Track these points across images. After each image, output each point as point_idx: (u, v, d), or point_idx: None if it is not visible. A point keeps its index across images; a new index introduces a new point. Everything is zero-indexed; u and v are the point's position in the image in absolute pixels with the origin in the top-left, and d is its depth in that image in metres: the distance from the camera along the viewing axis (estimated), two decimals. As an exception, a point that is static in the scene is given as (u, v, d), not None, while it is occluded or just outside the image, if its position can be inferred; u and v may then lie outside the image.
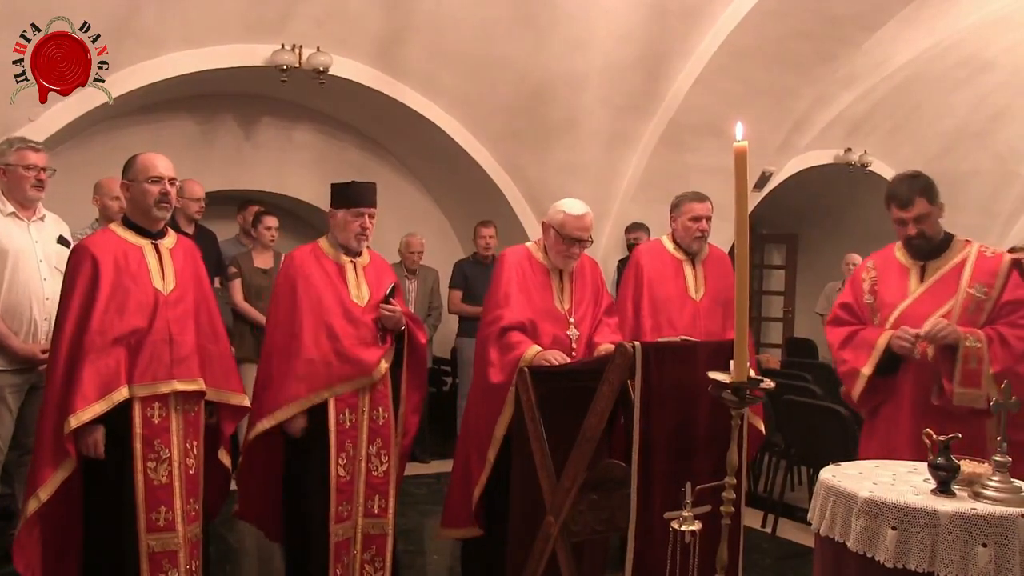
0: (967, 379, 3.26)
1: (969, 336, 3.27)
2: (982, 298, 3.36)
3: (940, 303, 3.41)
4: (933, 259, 3.52)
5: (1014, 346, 3.28)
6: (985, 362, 3.25)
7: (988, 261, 3.46)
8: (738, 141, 2.35)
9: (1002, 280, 3.38)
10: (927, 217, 3.50)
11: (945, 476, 2.73)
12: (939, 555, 2.56)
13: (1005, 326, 3.31)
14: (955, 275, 3.44)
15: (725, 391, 2.46)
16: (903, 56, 8.62)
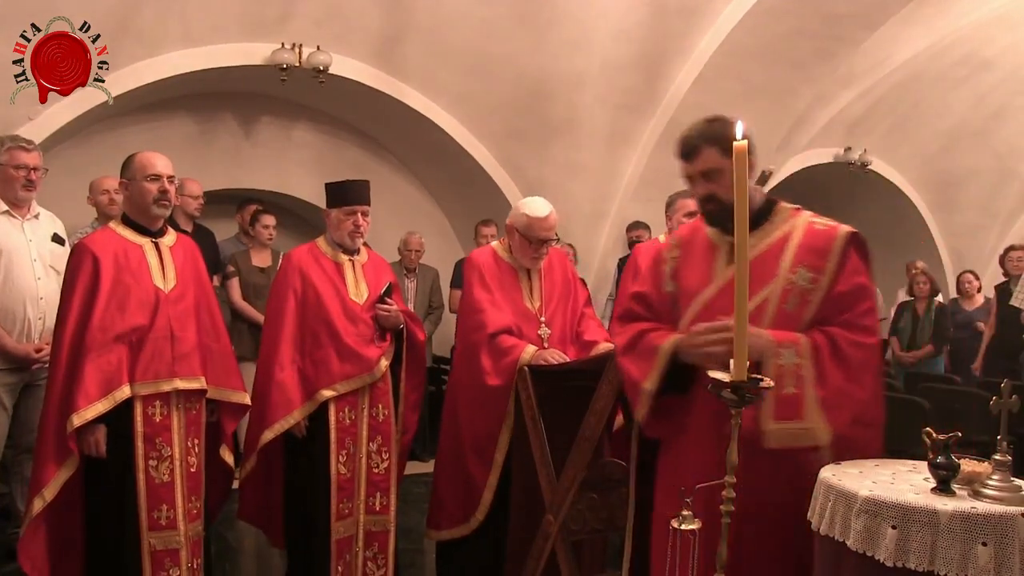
0: (783, 409, 2.34)
1: (784, 349, 2.38)
2: (807, 287, 2.46)
3: (750, 293, 2.39)
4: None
5: (849, 357, 2.38)
6: (808, 384, 2.35)
7: (818, 236, 2.51)
8: (738, 140, 2.35)
9: (835, 262, 2.47)
10: (718, 174, 2.53)
11: (945, 475, 2.73)
12: (939, 554, 2.56)
13: (840, 328, 2.41)
14: (774, 255, 2.51)
15: (724, 390, 2.45)
16: (902, 55, 8.63)
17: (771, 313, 2.46)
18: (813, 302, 2.45)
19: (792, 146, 9.05)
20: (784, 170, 9.48)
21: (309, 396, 3.64)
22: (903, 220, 10.97)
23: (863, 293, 2.46)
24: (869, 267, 2.52)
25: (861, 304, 2.43)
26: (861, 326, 2.42)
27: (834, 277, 2.45)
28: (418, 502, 5.65)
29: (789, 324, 2.44)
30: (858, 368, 2.39)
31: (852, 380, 2.37)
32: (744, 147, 2.37)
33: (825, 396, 2.37)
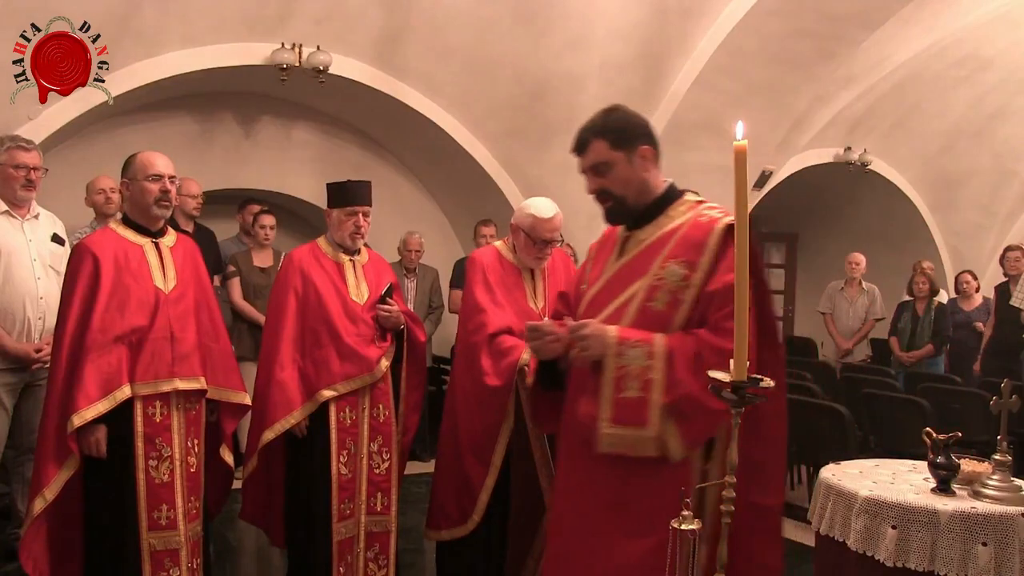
0: (624, 413, 2.18)
1: (631, 348, 2.21)
2: (678, 284, 2.25)
3: (624, 290, 2.36)
4: (641, 227, 2.44)
5: (708, 363, 2.11)
6: (655, 387, 2.15)
7: (697, 229, 2.30)
8: (738, 140, 2.35)
9: (710, 258, 2.24)
10: (610, 167, 2.39)
11: (945, 475, 2.74)
12: (939, 554, 2.57)
13: (707, 332, 2.22)
14: (655, 250, 2.35)
15: (724, 390, 2.45)
16: (902, 55, 8.62)
17: (633, 311, 2.29)
18: (685, 301, 2.24)
19: (792, 146, 9.05)
20: (784, 170, 9.48)
21: (309, 396, 3.64)
22: (903, 220, 10.97)
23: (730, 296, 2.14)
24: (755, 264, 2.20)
25: (730, 304, 2.09)
26: (725, 328, 2.10)
27: (708, 274, 2.23)
28: (418, 502, 5.65)
29: (656, 324, 2.24)
30: None
31: (706, 388, 2.06)
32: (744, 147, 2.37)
33: (675, 404, 2.16)
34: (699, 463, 2.25)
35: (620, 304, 2.31)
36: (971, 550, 2.54)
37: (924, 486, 2.79)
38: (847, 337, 8.45)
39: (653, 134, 2.43)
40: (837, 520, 2.82)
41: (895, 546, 2.61)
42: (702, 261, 2.24)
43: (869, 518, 2.69)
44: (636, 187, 2.39)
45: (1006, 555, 2.55)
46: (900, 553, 2.61)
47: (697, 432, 2.19)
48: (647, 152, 2.39)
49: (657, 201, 2.41)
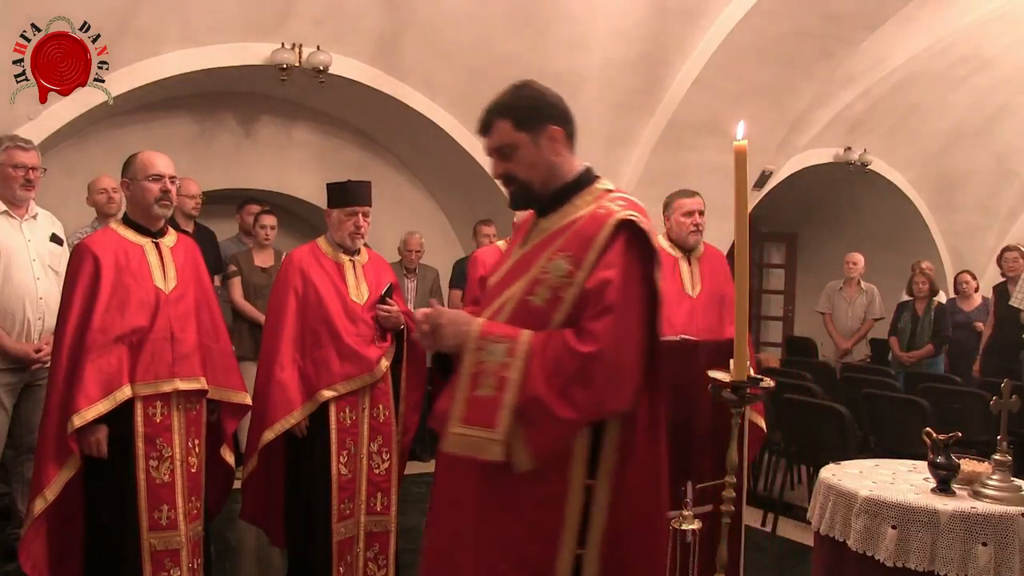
0: (475, 412, 2.01)
1: (493, 343, 2.04)
2: (561, 280, 2.06)
3: (515, 282, 2.18)
4: (546, 215, 2.27)
5: (563, 367, 1.97)
6: (510, 387, 1.98)
7: (593, 222, 2.11)
8: (738, 140, 2.35)
9: (596, 254, 2.05)
10: (514, 150, 2.21)
11: (945, 475, 2.74)
12: (939, 554, 2.57)
13: (572, 332, 2.02)
14: (550, 241, 2.18)
15: (724, 390, 2.46)
16: (902, 55, 8.62)
17: (509, 307, 2.12)
18: (567, 299, 2.04)
19: (792, 146, 9.05)
20: (784, 170, 9.48)
21: (309, 396, 3.64)
22: (903, 220, 10.97)
23: (606, 291, 2.00)
24: (638, 262, 2.07)
25: (599, 303, 1.99)
26: (587, 330, 1.97)
27: (590, 271, 2.04)
28: (418, 502, 5.65)
29: (534, 320, 2.05)
30: (570, 380, 1.95)
31: (558, 394, 1.94)
32: (744, 147, 2.37)
33: (524, 408, 1.97)
34: (580, 479, 2.04)
35: (507, 297, 2.14)
36: (971, 550, 2.55)
37: (924, 486, 2.79)
38: (846, 337, 8.45)
39: (565, 114, 2.24)
40: (837, 520, 2.82)
41: (895, 546, 2.61)
42: (588, 258, 2.04)
43: (869, 518, 2.69)
44: (543, 171, 2.20)
45: (1006, 555, 2.55)
46: (900, 553, 2.61)
47: (544, 441, 1.97)
48: (556, 133, 2.20)
49: (566, 188, 2.21)
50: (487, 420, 1.98)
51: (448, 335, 2.09)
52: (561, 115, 2.24)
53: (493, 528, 2.06)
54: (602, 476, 2.05)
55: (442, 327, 2.09)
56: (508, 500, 2.04)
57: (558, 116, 2.22)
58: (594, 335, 1.96)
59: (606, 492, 2.05)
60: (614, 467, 2.06)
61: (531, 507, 2.03)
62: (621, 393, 2.00)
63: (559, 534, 2.02)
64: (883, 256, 10.16)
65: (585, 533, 2.04)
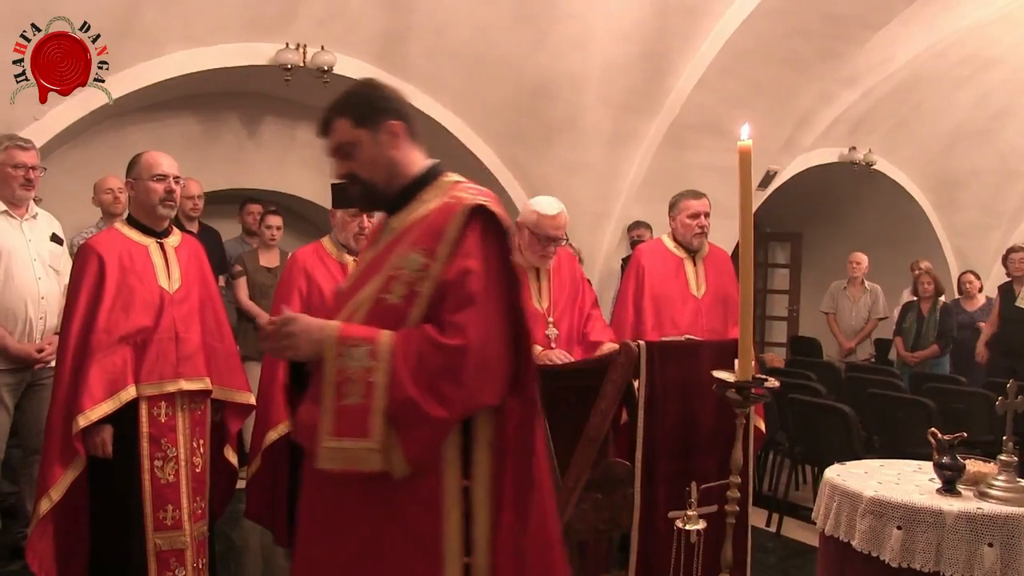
0: (345, 423, 1.89)
1: (354, 348, 1.92)
2: (416, 275, 1.97)
3: (367, 283, 2.09)
4: (395, 213, 2.16)
5: (428, 363, 1.89)
6: (378, 392, 1.88)
7: (443, 212, 2.03)
8: (742, 141, 2.35)
9: (449, 244, 1.96)
10: (355, 148, 2.14)
11: (950, 475, 2.73)
12: (944, 555, 2.56)
13: (432, 325, 1.93)
14: (402, 238, 2.08)
15: (729, 390, 2.46)
16: (905, 55, 8.61)
17: (364, 306, 2.03)
18: (423, 293, 1.95)
19: (796, 146, 9.03)
20: (789, 170, 9.47)
21: None
22: (907, 220, 10.96)
23: (467, 281, 1.92)
24: (496, 249, 2.00)
25: (460, 294, 1.92)
26: (451, 323, 1.90)
27: (445, 263, 1.95)
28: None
29: (390, 319, 1.96)
30: (437, 376, 1.87)
31: (427, 392, 1.87)
32: (748, 148, 2.37)
33: (394, 411, 1.87)
34: (456, 480, 1.95)
35: (360, 299, 2.05)
36: (977, 551, 2.54)
37: (929, 487, 2.78)
38: (850, 337, 8.43)
39: (403, 108, 2.19)
40: (842, 520, 2.81)
41: (900, 547, 2.61)
42: (441, 249, 1.96)
43: (874, 518, 2.69)
44: (385, 168, 2.12)
45: (1012, 556, 2.55)
46: (905, 554, 2.61)
47: (420, 443, 1.89)
48: (396, 128, 2.14)
49: (413, 184, 2.14)
50: (359, 430, 1.87)
51: (303, 344, 1.97)
52: (400, 110, 2.19)
53: (373, 545, 1.95)
54: (478, 476, 1.97)
55: (295, 335, 1.98)
56: (385, 512, 1.94)
57: (397, 111, 2.18)
58: (458, 327, 1.89)
59: (485, 493, 1.96)
60: (489, 466, 1.97)
61: (411, 516, 1.93)
62: (492, 386, 1.93)
63: (441, 542, 1.93)
64: (887, 256, 10.14)
65: (470, 539, 1.95)
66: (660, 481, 3.09)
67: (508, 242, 2.00)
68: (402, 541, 1.93)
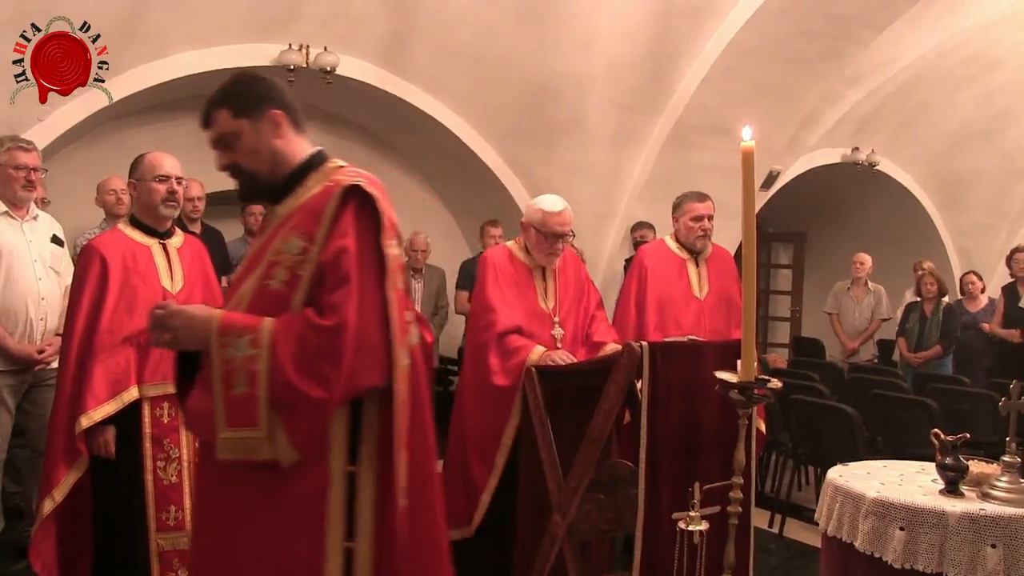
0: (236, 413, 1.90)
1: (236, 337, 1.92)
2: (296, 259, 1.96)
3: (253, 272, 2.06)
4: (280, 202, 2.14)
5: (307, 345, 1.88)
6: (262, 380, 1.88)
7: (322, 195, 2.03)
8: (746, 141, 2.35)
9: (327, 226, 1.96)
10: (236, 139, 2.13)
11: (953, 476, 2.73)
12: (947, 556, 2.56)
13: (312, 309, 1.92)
14: (284, 224, 2.07)
15: (732, 391, 2.45)
16: (910, 54, 8.60)
17: (249, 297, 2.00)
18: (304, 277, 1.94)
19: (800, 146, 9.03)
20: (792, 170, 9.47)
21: None
22: (911, 220, 10.95)
23: (342, 261, 1.92)
24: (370, 230, 1.99)
25: (335, 274, 1.91)
26: (328, 304, 1.89)
27: (323, 244, 1.94)
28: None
29: (274, 305, 1.94)
30: (316, 358, 1.86)
31: (307, 375, 1.86)
32: (752, 148, 2.37)
33: (276, 396, 1.87)
34: (341, 466, 1.95)
35: (246, 289, 2.02)
36: (980, 552, 2.54)
37: (932, 487, 2.78)
38: (853, 337, 8.42)
39: (283, 97, 2.18)
40: (845, 521, 2.81)
41: (903, 548, 2.60)
42: (320, 231, 1.95)
43: (877, 519, 2.68)
44: (267, 158, 2.11)
45: (1015, 557, 2.54)
46: (908, 555, 2.60)
47: (304, 428, 1.89)
48: (277, 117, 2.12)
49: (297, 172, 2.13)
50: (248, 419, 1.88)
51: (185, 337, 1.97)
52: (281, 99, 2.18)
53: (260, 532, 1.95)
54: (364, 461, 1.97)
55: (176, 329, 1.97)
56: (272, 499, 1.93)
57: (278, 100, 2.16)
58: (335, 307, 1.88)
59: (371, 477, 1.96)
60: (376, 450, 1.97)
61: (295, 502, 1.93)
62: (373, 365, 1.91)
63: (323, 527, 1.93)
64: (891, 256, 10.13)
65: (353, 523, 1.95)
66: (664, 481, 3.09)
67: (382, 223, 2.00)
68: (286, 527, 1.93)
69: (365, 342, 1.89)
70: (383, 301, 1.95)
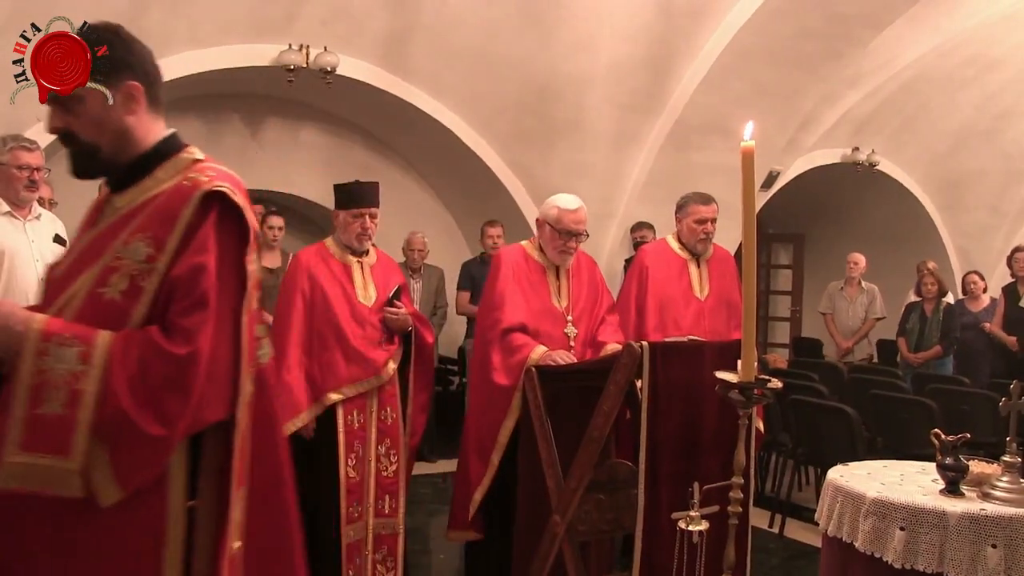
0: (39, 436, 1.58)
1: (59, 347, 1.61)
2: (140, 267, 1.68)
3: (85, 271, 1.74)
4: (123, 190, 1.86)
5: (152, 372, 1.61)
6: (86, 403, 1.58)
7: (176, 196, 1.77)
8: (746, 141, 2.35)
9: (181, 233, 1.70)
10: (79, 101, 1.85)
11: (954, 476, 2.73)
12: (948, 556, 2.55)
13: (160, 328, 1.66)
14: (127, 221, 1.77)
15: (732, 391, 2.45)
16: (910, 55, 8.61)
17: (79, 302, 1.70)
18: (148, 290, 1.67)
19: (799, 146, 9.04)
20: (792, 170, 9.47)
21: (316, 399, 3.64)
22: (911, 220, 10.95)
23: (199, 280, 1.66)
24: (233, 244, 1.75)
25: (191, 295, 1.65)
26: (179, 328, 1.63)
27: (174, 256, 1.68)
28: (423, 503, 5.66)
29: (108, 317, 1.66)
30: (160, 388, 1.60)
31: (145, 406, 1.58)
32: (751, 148, 2.37)
33: (105, 425, 1.58)
34: (180, 502, 1.69)
35: (74, 291, 1.72)
36: (980, 552, 2.53)
37: (933, 487, 2.78)
38: (847, 337, 8.42)
39: (147, 66, 1.90)
40: (845, 521, 2.81)
41: (903, 548, 2.60)
42: (171, 240, 1.68)
43: (877, 519, 2.68)
44: (113, 134, 1.81)
45: (1016, 557, 2.54)
46: (908, 555, 2.60)
47: (135, 465, 1.61)
48: (135, 90, 1.84)
49: (145, 157, 1.84)
50: (57, 446, 1.56)
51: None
52: (144, 68, 1.91)
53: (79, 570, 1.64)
54: (205, 494, 1.72)
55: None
56: (90, 547, 1.63)
57: (142, 72, 1.89)
58: (187, 333, 1.63)
59: (209, 516, 1.72)
60: (217, 482, 1.72)
61: (121, 550, 1.65)
62: (219, 399, 1.68)
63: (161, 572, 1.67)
64: (891, 257, 10.12)
65: (191, 567, 1.70)
66: (663, 482, 3.09)
67: (247, 236, 1.75)
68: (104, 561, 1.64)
69: (215, 373, 1.66)
70: (237, 326, 1.72)
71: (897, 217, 10.94)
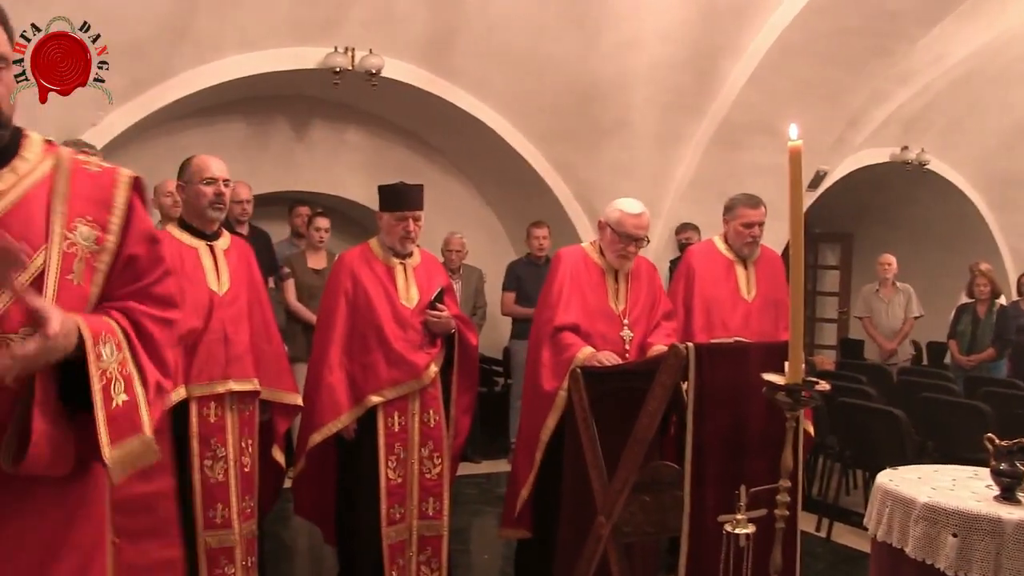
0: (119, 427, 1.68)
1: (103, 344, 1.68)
2: (92, 249, 1.75)
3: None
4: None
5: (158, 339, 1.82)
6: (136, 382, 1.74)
7: (95, 182, 1.83)
8: (793, 140, 2.32)
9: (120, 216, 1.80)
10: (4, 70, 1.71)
11: (1009, 482, 2.66)
12: (1004, 564, 2.49)
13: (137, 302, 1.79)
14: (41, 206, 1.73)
15: (779, 393, 2.42)
16: (961, 51, 8.44)
17: (53, 289, 1.69)
18: (100, 270, 1.77)
19: (847, 145, 8.90)
20: (839, 170, 9.33)
21: (357, 400, 3.66)
22: (963, 220, 10.74)
23: (158, 251, 1.87)
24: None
25: (159, 266, 1.86)
26: (161, 296, 1.83)
27: (122, 235, 1.80)
28: (467, 503, 5.67)
29: (79, 302, 1.72)
30: (163, 349, 1.81)
31: (161, 367, 1.81)
32: (799, 148, 2.33)
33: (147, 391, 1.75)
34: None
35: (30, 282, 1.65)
36: (1037, 560, 2.47)
37: (987, 493, 2.71)
38: (889, 338, 8.27)
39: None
40: (895, 526, 2.76)
41: (956, 555, 2.55)
42: (113, 221, 1.79)
43: (928, 525, 2.63)
44: (9, 107, 1.73)
45: (1074, 566, 2.47)
46: (962, 562, 2.55)
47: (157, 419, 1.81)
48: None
49: (16, 133, 1.77)
50: (132, 426, 1.70)
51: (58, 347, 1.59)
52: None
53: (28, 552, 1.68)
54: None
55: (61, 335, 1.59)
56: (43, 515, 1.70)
57: None
58: (170, 298, 1.87)
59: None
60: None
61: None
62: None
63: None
64: (941, 257, 9.94)
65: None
66: (709, 483, 3.06)
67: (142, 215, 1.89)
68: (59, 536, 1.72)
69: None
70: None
71: (948, 217, 10.73)
